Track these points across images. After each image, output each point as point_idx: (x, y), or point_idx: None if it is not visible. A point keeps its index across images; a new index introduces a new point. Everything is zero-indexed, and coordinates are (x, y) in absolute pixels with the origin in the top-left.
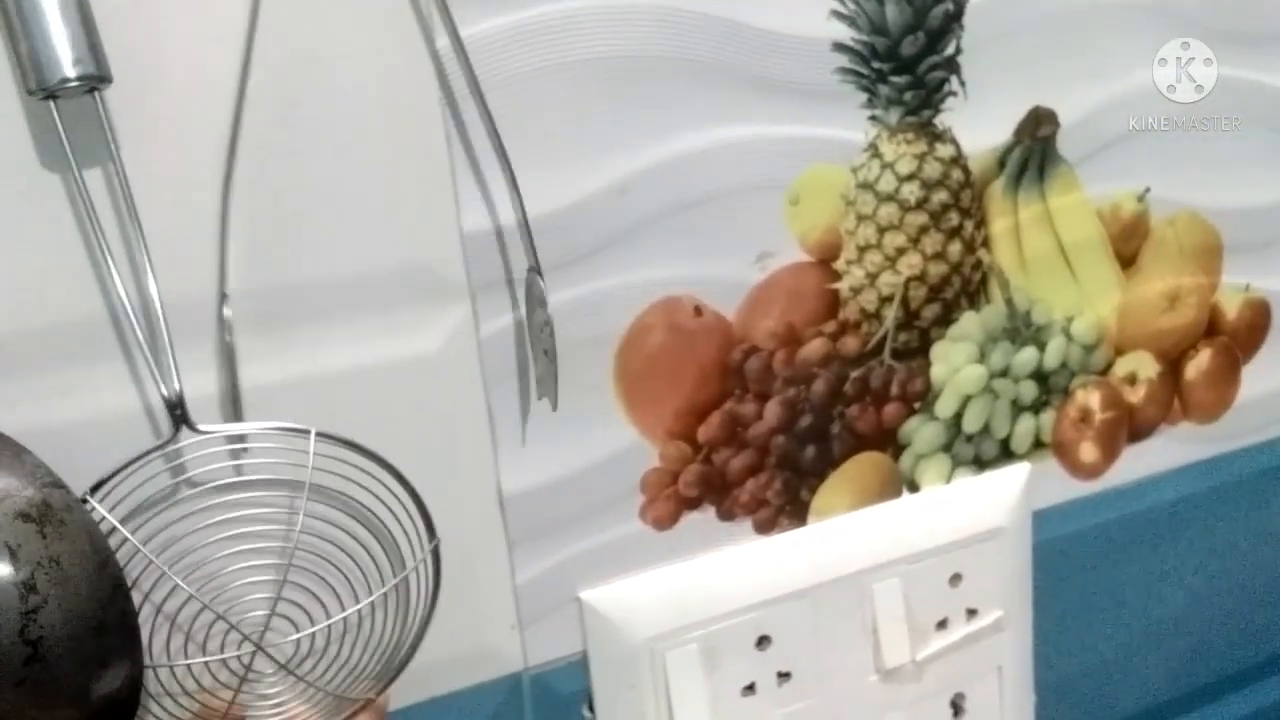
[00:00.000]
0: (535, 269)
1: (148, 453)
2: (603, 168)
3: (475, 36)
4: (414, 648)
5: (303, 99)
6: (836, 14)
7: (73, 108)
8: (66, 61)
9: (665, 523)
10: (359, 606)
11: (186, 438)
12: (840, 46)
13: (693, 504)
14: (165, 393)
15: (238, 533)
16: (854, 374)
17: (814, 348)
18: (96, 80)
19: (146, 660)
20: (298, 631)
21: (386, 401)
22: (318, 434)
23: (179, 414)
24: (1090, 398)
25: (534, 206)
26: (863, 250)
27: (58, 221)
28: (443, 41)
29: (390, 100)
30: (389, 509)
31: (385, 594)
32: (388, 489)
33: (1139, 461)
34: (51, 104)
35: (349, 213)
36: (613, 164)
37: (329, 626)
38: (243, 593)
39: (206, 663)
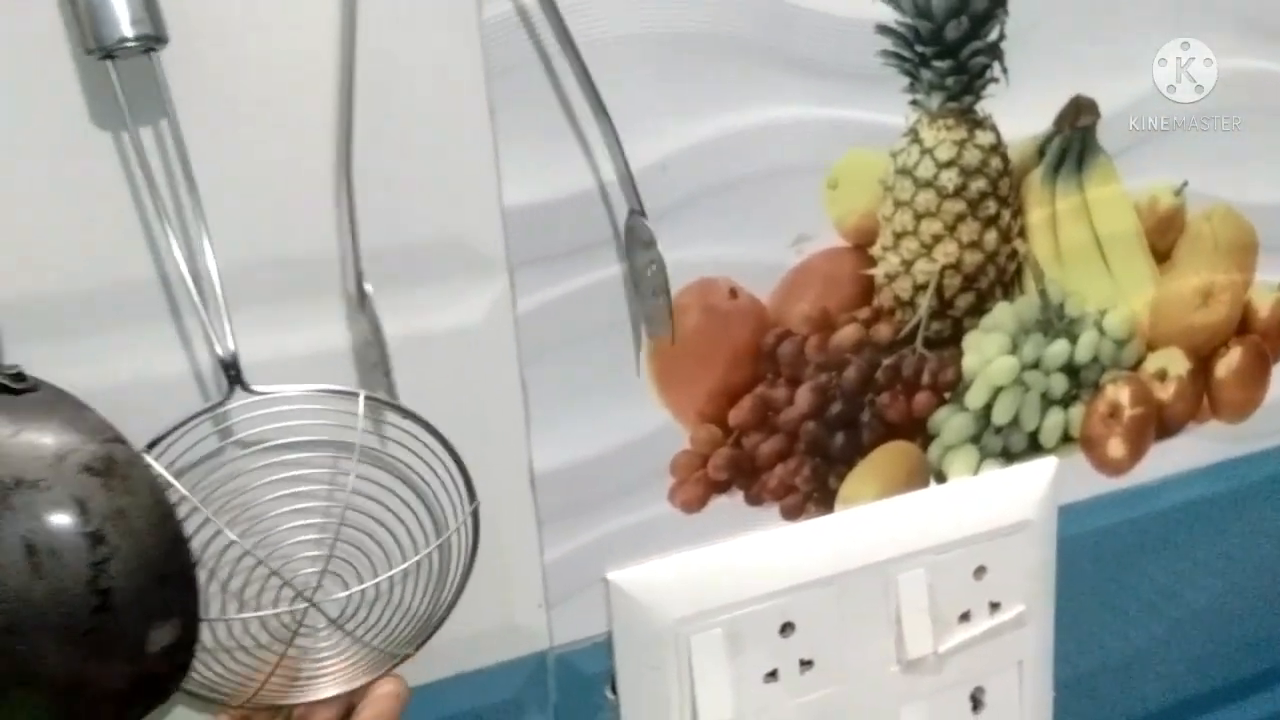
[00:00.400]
0: (639, 212)
1: (203, 411)
2: (645, 145)
3: (528, 7)
4: (450, 607)
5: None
6: None
7: (129, 67)
8: (125, 21)
9: (694, 506)
10: (405, 565)
11: (239, 398)
12: (884, 29)
13: (721, 488)
14: (220, 353)
15: (288, 492)
16: (886, 361)
17: (847, 334)
18: (153, 40)
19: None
20: (346, 589)
21: (425, 372)
22: (366, 397)
23: (233, 374)
24: (1120, 393)
25: (576, 182)
26: (899, 237)
27: (113, 183)
28: (490, 12)
29: (437, 73)
30: (433, 471)
31: (429, 554)
32: (431, 452)
33: (1166, 459)
34: (109, 64)
35: (395, 184)
36: (655, 141)
37: (376, 585)
38: (293, 550)
39: (262, 617)
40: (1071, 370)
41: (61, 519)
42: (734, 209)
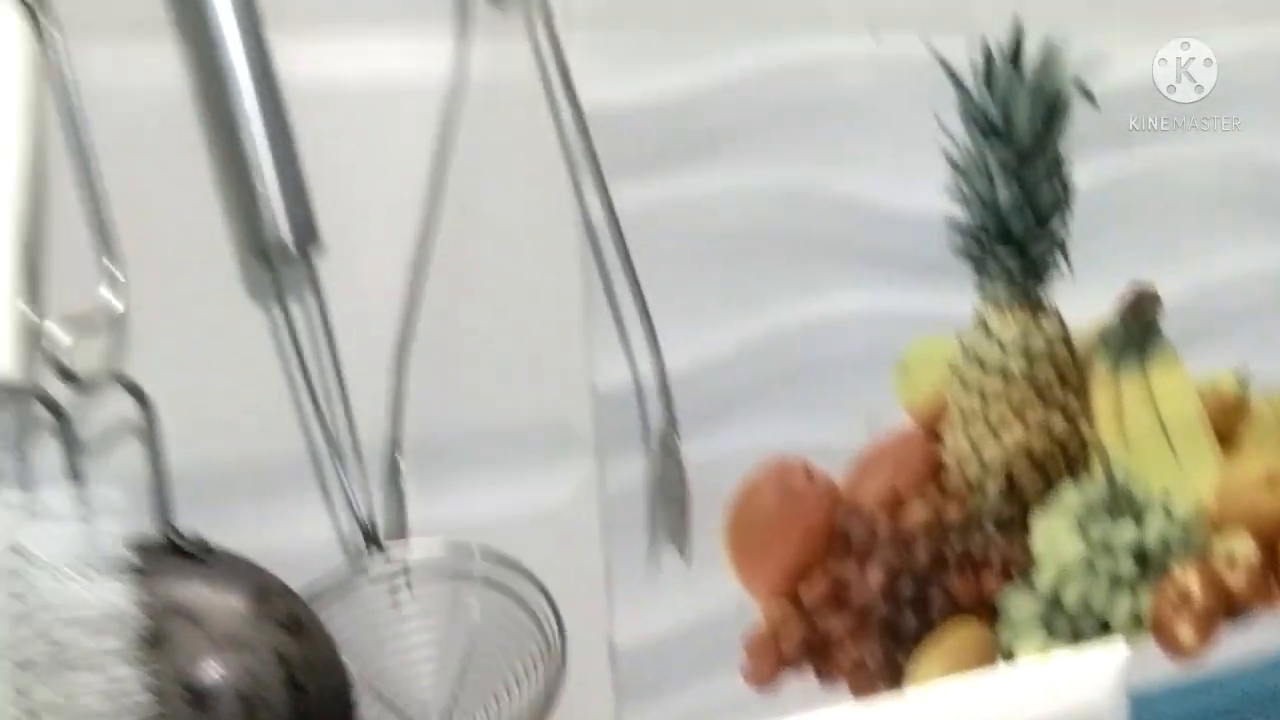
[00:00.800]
0: (672, 423)
1: (346, 571)
2: (727, 332)
3: (622, 208)
4: None
5: (467, 268)
6: (951, 193)
7: (285, 271)
8: (286, 229)
9: (765, 682)
10: (513, 705)
11: (375, 559)
12: (954, 224)
13: (793, 664)
14: (362, 519)
15: (410, 640)
16: (955, 541)
17: (917, 514)
18: (309, 244)
19: None
20: None
21: (512, 546)
22: (480, 549)
23: (370, 537)
24: (1189, 578)
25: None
26: (968, 420)
27: (270, 366)
28: (591, 213)
29: (538, 269)
30: (534, 618)
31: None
32: (528, 606)
33: (1237, 645)
34: (271, 263)
35: (497, 370)
36: (736, 329)
37: None
38: (417, 686)
39: None
40: (1139, 553)
41: (269, 673)
42: (807, 392)
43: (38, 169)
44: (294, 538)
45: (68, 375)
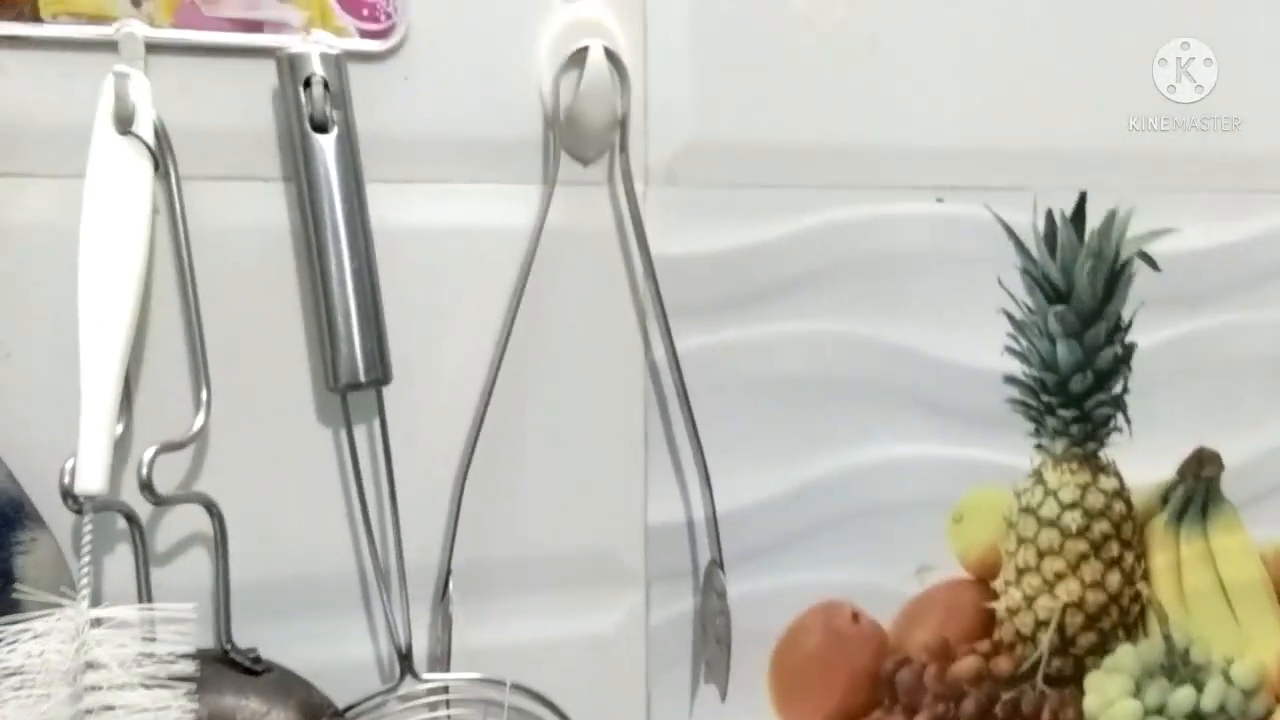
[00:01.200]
0: (718, 562)
1: (381, 693)
2: (781, 474)
3: (685, 350)
4: None
5: (531, 401)
6: (1010, 350)
7: (355, 399)
8: (362, 368)
9: None
10: None
11: (409, 684)
12: (1011, 379)
13: None
14: (399, 644)
15: None
16: (1005, 696)
17: (967, 665)
18: (380, 381)
19: None
20: None
21: (556, 673)
22: (511, 685)
23: (406, 663)
24: None
25: (716, 504)
26: (1021, 572)
27: (330, 491)
28: (655, 354)
29: (600, 405)
30: None
31: None
32: None
33: None
34: (343, 397)
35: (553, 499)
36: (790, 471)
37: None
38: None
39: None
40: (1198, 719)
41: None
42: (859, 537)
43: (146, 296)
44: (338, 656)
45: (151, 492)
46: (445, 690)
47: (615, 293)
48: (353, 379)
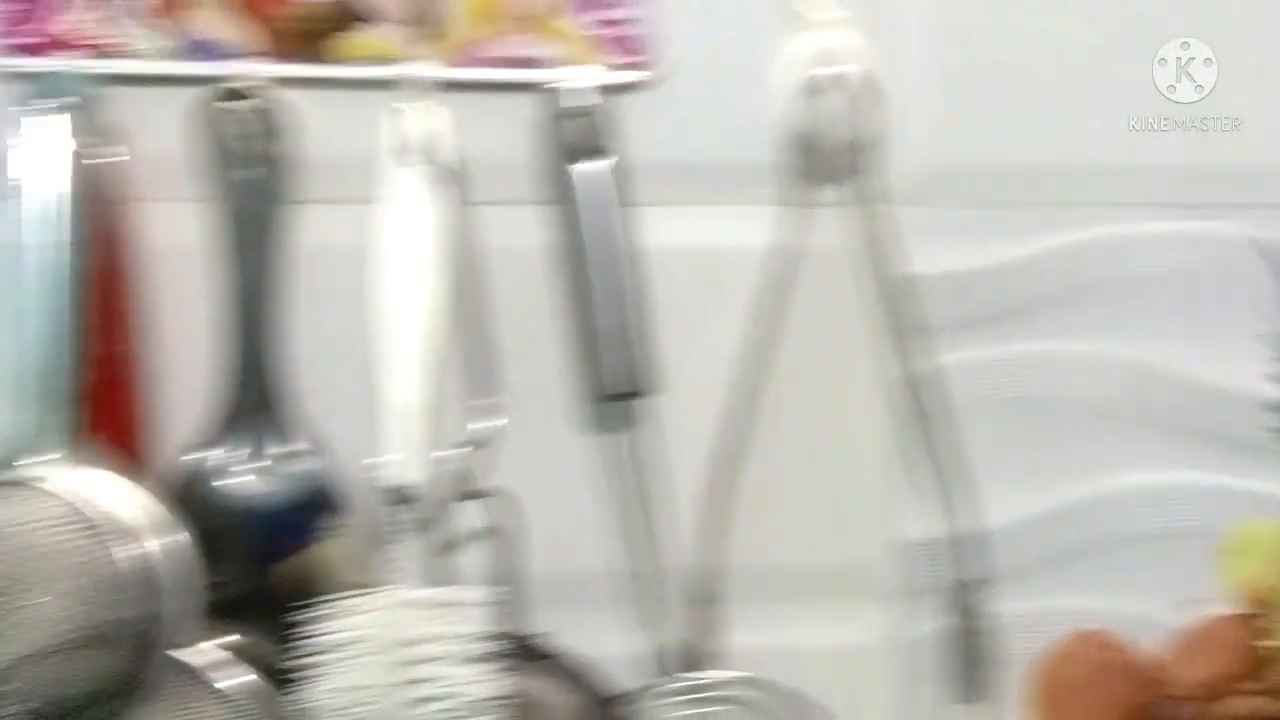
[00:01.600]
0: (977, 582)
1: (651, 686)
2: (1040, 495)
3: (941, 368)
4: None
5: (784, 415)
6: (1272, 377)
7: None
8: (630, 377)
9: None
10: None
11: (669, 678)
12: (1275, 407)
13: None
14: (660, 641)
15: None
16: None
17: (1236, 706)
18: (647, 391)
19: None
20: None
21: (801, 683)
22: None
23: (667, 662)
24: None
25: (972, 524)
26: None
27: (606, 493)
28: (903, 372)
29: (851, 420)
30: None
31: None
32: None
33: None
34: (615, 404)
35: (803, 513)
36: (1049, 493)
37: None
38: None
39: None
40: None
41: None
42: (1119, 566)
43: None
44: (600, 650)
45: (464, 488)
46: (707, 688)
47: (862, 311)
48: (626, 388)
